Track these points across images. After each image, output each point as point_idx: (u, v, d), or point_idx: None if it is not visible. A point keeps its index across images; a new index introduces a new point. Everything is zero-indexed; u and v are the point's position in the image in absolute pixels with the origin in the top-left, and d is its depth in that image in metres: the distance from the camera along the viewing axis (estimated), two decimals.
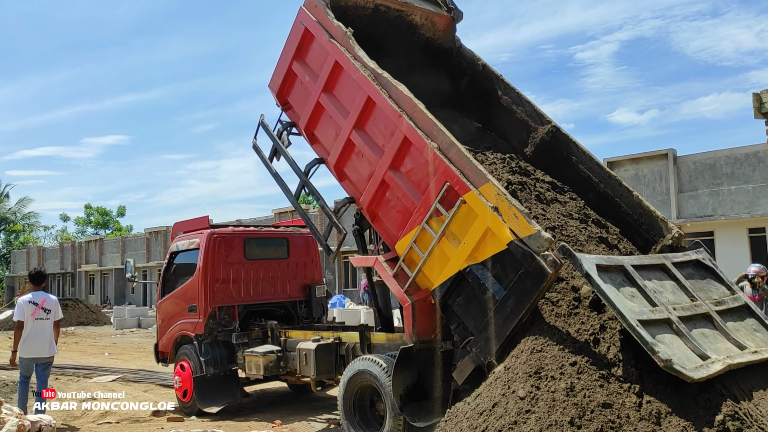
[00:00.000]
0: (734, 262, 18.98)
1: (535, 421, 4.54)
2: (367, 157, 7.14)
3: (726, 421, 4.34)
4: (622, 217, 7.26)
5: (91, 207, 69.25)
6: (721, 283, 6.28)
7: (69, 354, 18.49)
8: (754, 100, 7.10)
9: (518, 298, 5.45)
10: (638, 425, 4.37)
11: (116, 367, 14.91)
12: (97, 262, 47.97)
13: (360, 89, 7.09)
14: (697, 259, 6.41)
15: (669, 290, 5.70)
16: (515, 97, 8.25)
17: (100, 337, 23.99)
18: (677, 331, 5.11)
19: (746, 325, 5.86)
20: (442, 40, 8.74)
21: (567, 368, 4.82)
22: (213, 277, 9.68)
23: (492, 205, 5.72)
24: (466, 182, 5.96)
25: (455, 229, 6.09)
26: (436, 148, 6.27)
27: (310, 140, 8.14)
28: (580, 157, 7.65)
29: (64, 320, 28.20)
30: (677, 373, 4.57)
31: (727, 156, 20.52)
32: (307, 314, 10.60)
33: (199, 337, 9.56)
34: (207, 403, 9.30)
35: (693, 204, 21.08)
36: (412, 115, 6.56)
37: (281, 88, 8.39)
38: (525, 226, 5.46)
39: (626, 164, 22.64)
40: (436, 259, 6.27)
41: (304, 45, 7.99)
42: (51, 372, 12.71)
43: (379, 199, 7.06)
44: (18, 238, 63.45)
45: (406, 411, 6.44)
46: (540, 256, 5.31)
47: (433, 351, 6.54)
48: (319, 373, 8.10)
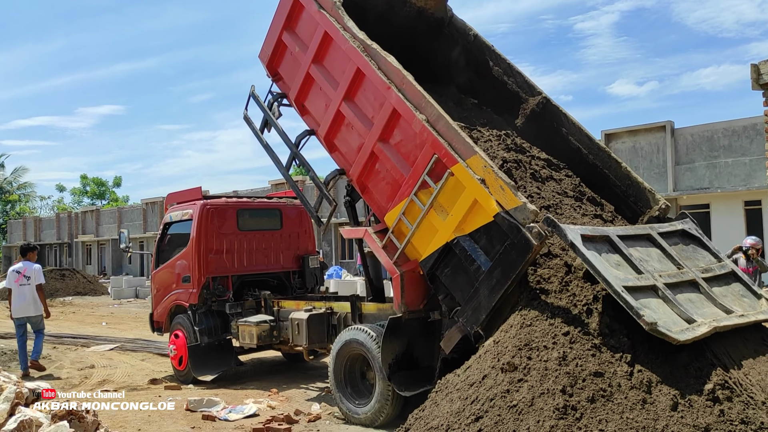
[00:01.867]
0: (730, 234, 19.10)
1: (527, 389, 4.59)
2: (357, 129, 7.15)
3: (716, 390, 4.39)
4: (611, 188, 7.32)
5: (87, 177, 69.10)
6: (707, 252, 6.34)
7: (67, 323, 18.61)
8: (752, 71, 7.07)
9: (504, 269, 5.52)
10: (629, 393, 4.43)
11: (113, 337, 15.03)
12: (93, 233, 47.99)
13: (349, 60, 7.06)
14: (683, 228, 6.46)
15: (655, 258, 5.75)
16: (506, 67, 8.24)
17: (98, 307, 24.13)
18: (663, 297, 5.17)
19: (733, 290, 5.94)
20: (434, 9, 8.63)
21: (560, 338, 4.88)
22: (206, 247, 9.79)
23: (479, 177, 5.76)
24: (453, 154, 5.98)
25: (443, 201, 6.14)
26: (424, 120, 6.27)
27: (301, 112, 8.12)
28: (570, 128, 7.68)
29: (62, 290, 28.69)
30: (663, 336, 4.64)
31: (724, 128, 20.47)
32: (301, 284, 10.73)
33: (193, 306, 9.70)
34: (201, 372, 9.45)
35: (690, 176, 21.09)
36: (401, 86, 6.55)
37: (271, 58, 8.35)
38: (511, 198, 5.51)
39: (624, 136, 22.60)
40: (425, 231, 6.35)
41: (293, 15, 7.94)
42: (50, 342, 13.07)
43: (368, 171, 7.09)
44: (14, 209, 63.36)
45: (394, 380, 6.54)
46: (525, 227, 5.37)
47: (421, 321, 6.65)
48: (311, 343, 8.23)
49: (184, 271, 9.93)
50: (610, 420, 4.27)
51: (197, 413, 7.70)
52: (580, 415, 4.32)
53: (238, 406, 7.85)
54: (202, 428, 7.18)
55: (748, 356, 5.10)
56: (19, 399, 5.98)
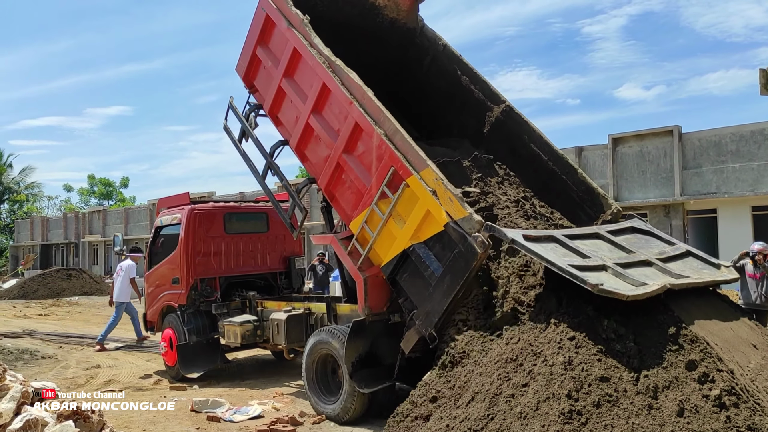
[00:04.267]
0: (737, 240, 18.98)
1: (532, 393, 4.58)
2: (324, 141, 7.46)
3: (722, 396, 4.37)
4: (568, 193, 7.66)
5: (94, 178, 69.41)
6: (660, 240, 6.51)
7: (73, 323, 18.69)
8: (760, 76, 7.06)
9: (453, 275, 5.88)
10: (635, 399, 4.41)
11: (119, 337, 15.04)
12: (100, 233, 48.10)
13: (316, 75, 7.38)
14: (633, 225, 6.69)
15: (605, 249, 5.95)
16: (473, 76, 8.58)
17: (104, 308, 24.16)
18: (614, 272, 5.33)
19: (690, 264, 6.08)
20: (406, 19, 9.01)
21: (565, 343, 4.86)
22: (194, 250, 10.14)
23: (431, 189, 6.09)
24: (408, 167, 6.31)
25: (401, 211, 6.47)
26: (383, 134, 6.58)
27: (275, 122, 8.43)
28: (531, 135, 8.02)
29: (68, 290, 28.80)
30: (611, 294, 4.82)
31: (732, 133, 20.34)
32: (287, 285, 11.07)
33: (182, 307, 10.10)
34: (189, 369, 9.77)
35: (697, 181, 20.98)
36: (362, 101, 6.86)
37: (247, 71, 8.70)
38: (459, 209, 5.86)
39: (631, 140, 22.52)
40: (385, 238, 6.69)
41: (266, 31, 8.28)
42: (56, 341, 13.48)
43: (335, 180, 7.41)
44: (22, 208, 63.62)
45: (355, 378, 6.81)
46: (471, 237, 5.70)
47: (384, 323, 6.99)
48: (290, 342, 8.59)
49: (174, 273, 10.33)
50: (615, 425, 4.26)
51: (202, 414, 7.75)
52: (585, 420, 4.32)
53: (243, 408, 7.87)
54: (207, 429, 7.20)
55: (758, 362, 5.07)
56: (25, 398, 6.00)
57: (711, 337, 4.94)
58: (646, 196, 21.97)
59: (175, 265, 10.31)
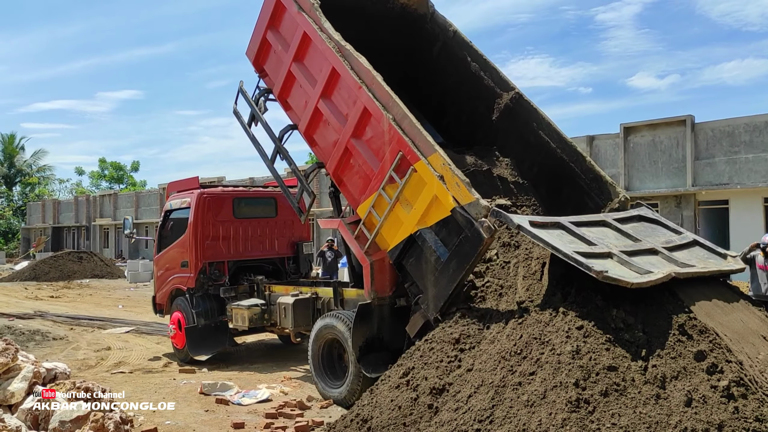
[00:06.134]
0: (749, 231, 18.87)
1: (540, 382, 4.59)
2: (333, 126, 7.52)
3: (731, 387, 4.34)
4: (576, 181, 7.67)
5: (105, 161, 69.76)
6: (667, 229, 6.49)
7: (84, 306, 18.87)
8: None
9: (459, 260, 5.92)
10: (643, 388, 4.40)
11: (130, 320, 15.22)
12: (111, 216, 48.45)
13: (326, 60, 7.41)
14: (640, 214, 6.67)
15: (611, 237, 5.93)
16: (483, 63, 8.59)
17: (114, 290, 24.40)
18: (620, 260, 5.32)
19: (696, 254, 6.05)
20: (416, 5, 9.05)
21: (573, 332, 4.85)
22: (203, 234, 10.26)
23: (438, 174, 6.12)
24: (416, 152, 6.34)
25: (408, 195, 6.52)
26: (391, 119, 6.62)
27: (284, 107, 8.49)
28: (540, 123, 8.03)
29: (79, 273, 29.06)
30: (615, 281, 4.84)
31: (746, 123, 20.14)
32: (295, 269, 11.20)
33: (191, 290, 10.20)
34: (197, 352, 9.87)
35: (709, 171, 20.82)
36: (371, 86, 6.89)
37: (257, 56, 8.75)
38: (465, 194, 5.88)
39: (643, 130, 22.35)
40: (392, 223, 6.75)
41: (276, 15, 8.31)
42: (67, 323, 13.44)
43: (343, 165, 7.47)
44: (33, 191, 64.06)
45: (362, 362, 6.93)
46: (478, 222, 5.73)
47: (390, 307, 7.08)
48: (296, 325, 8.70)
49: (183, 256, 10.44)
50: (623, 414, 4.25)
51: (211, 397, 7.80)
52: (592, 409, 4.30)
53: (252, 391, 7.94)
54: (216, 412, 7.26)
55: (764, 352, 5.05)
56: (37, 378, 6.08)
57: (720, 327, 4.91)
58: (657, 186, 21.84)
59: (185, 249, 10.42)
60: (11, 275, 29.92)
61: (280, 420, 6.78)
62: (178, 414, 7.15)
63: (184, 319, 10.15)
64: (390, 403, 5.50)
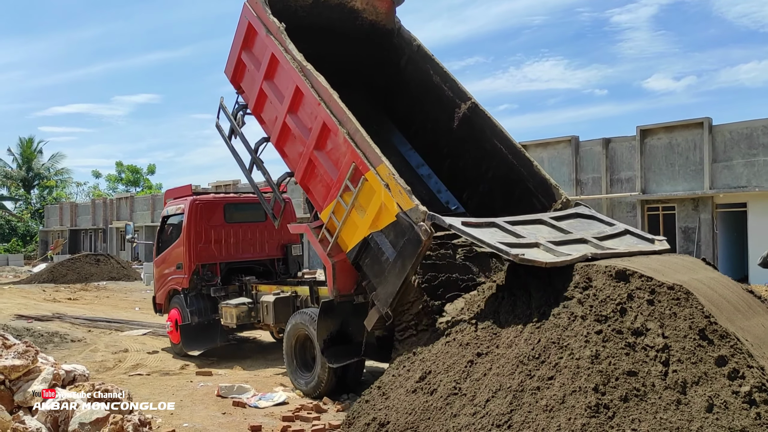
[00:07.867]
0: (767, 234, 18.67)
1: (558, 386, 4.56)
2: (299, 138, 8.13)
3: (753, 392, 4.30)
4: (525, 184, 8.21)
5: (122, 164, 70.30)
6: (602, 223, 6.94)
7: (101, 308, 18.97)
8: None
9: (403, 261, 6.52)
10: (663, 394, 4.37)
11: (146, 322, 15.27)
12: (128, 219, 48.75)
13: (291, 79, 8.05)
14: (577, 211, 7.20)
15: (545, 232, 6.41)
16: (443, 75, 9.14)
17: (131, 292, 24.47)
18: (546, 249, 5.79)
19: (626, 242, 6.47)
20: (385, 21, 9.65)
21: (592, 336, 4.82)
22: (196, 238, 11.01)
23: (384, 183, 6.76)
24: (366, 163, 6.98)
25: (362, 202, 7.13)
26: (345, 133, 7.25)
27: (259, 121, 9.13)
28: (493, 130, 8.61)
29: (96, 275, 29.34)
30: (530, 262, 5.42)
31: (764, 126, 19.83)
32: (285, 270, 11.81)
33: (185, 290, 10.98)
34: (191, 347, 10.68)
35: (727, 174, 20.58)
36: (329, 103, 7.52)
37: (234, 74, 9.36)
38: (407, 201, 6.52)
39: (660, 132, 22.13)
40: (349, 227, 7.36)
41: (249, 38, 8.92)
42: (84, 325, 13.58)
43: (308, 174, 8.11)
44: (51, 194, 64.75)
45: (326, 354, 7.51)
46: (417, 225, 6.34)
47: (350, 303, 7.67)
48: (277, 322, 9.38)
49: (178, 258, 11.21)
50: (643, 420, 4.22)
51: (228, 399, 7.83)
52: (612, 414, 4.28)
53: (268, 394, 7.97)
54: (233, 414, 7.31)
55: None
56: (57, 380, 6.13)
57: (741, 332, 4.86)
58: (674, 189, 21.64)
59: (180, 252, 11.18)
60: (29, 277, 30.03)
61: (297, 423, 6.80)
62: (196, 416, 7.20)
63: (180, 317, 10.86)
64: (407, 407, 5.50)
